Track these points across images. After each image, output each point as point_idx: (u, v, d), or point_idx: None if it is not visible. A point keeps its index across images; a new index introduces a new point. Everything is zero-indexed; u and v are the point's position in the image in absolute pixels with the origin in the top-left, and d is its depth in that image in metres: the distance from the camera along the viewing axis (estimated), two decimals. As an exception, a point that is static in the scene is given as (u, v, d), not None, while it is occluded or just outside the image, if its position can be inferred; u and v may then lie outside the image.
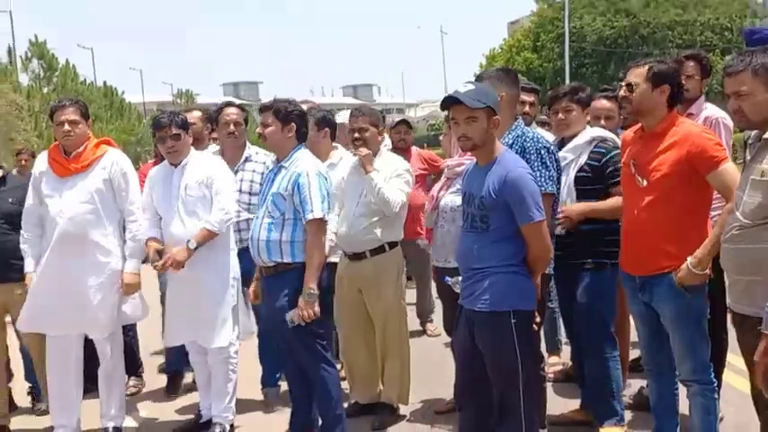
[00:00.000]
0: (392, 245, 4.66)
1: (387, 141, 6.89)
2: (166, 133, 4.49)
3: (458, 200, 4.31)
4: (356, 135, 4.65)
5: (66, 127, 4.41)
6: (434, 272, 4.76)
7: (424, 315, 6.88)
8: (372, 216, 4.53)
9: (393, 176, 4.58)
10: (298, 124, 4.24)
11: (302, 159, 4.19)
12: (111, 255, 4.50)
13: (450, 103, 3.46)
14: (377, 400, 4.85)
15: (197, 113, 5.38)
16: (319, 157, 4.45)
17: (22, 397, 5.43)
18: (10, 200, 4.76)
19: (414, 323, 6.60)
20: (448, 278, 3.92)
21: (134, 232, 4.56)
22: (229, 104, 5.36)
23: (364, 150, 4.56)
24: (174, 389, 5.58)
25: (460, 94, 3.39)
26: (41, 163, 4.55)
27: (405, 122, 6.80)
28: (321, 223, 4.10)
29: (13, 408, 5.23)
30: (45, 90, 29.85)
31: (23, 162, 9.45)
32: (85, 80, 33.45)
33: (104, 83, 36.86)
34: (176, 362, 5.50)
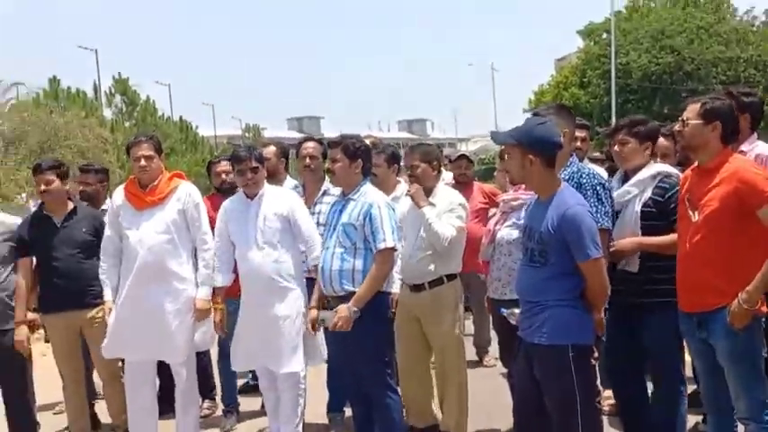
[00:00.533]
0: (450, 277, 4.59)
1: (448, 176, 6.84)
2: (246, 166, 4.50)
3: (514, 233, 4.27)
4: (409, 172, 4.65)
5: (143, 162, 4.48)
6: (489, 303, 4.66)
7: (482, 346, 6.73)
8: (428, 249, 4.49)
9: (446, 211, 4.53)
10: (364, 160, 4.24)
11: (370, 192, 4.21)
12: (187, 282, 4.55)
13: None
14: (430, 424, 4.75)
15: (272, 148, 5.41)
16: (386, 191, 4.46)
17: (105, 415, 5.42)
18: (84, 230, 4.82)
19: (470, 353, 6.47)
20: (504, 310, 3.84)
21: (206, 260, 4.59)
22: (308, 139, 5.39)
23: (414, 186, 4.55)
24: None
25: (499, 132, 3.51)
26: (118, 197, 4.61)
27: (464, 157, 6.73)
28: (392, 253, 4.09)
29: (96, 425, 5.26)
30: (127, 124, 30.62)
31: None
32: (163, 114, 34.15)
33: (180, 117, 37.57)
34: (229, 397, 5.47)
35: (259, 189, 4.55)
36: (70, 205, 4.85)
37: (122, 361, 4.81)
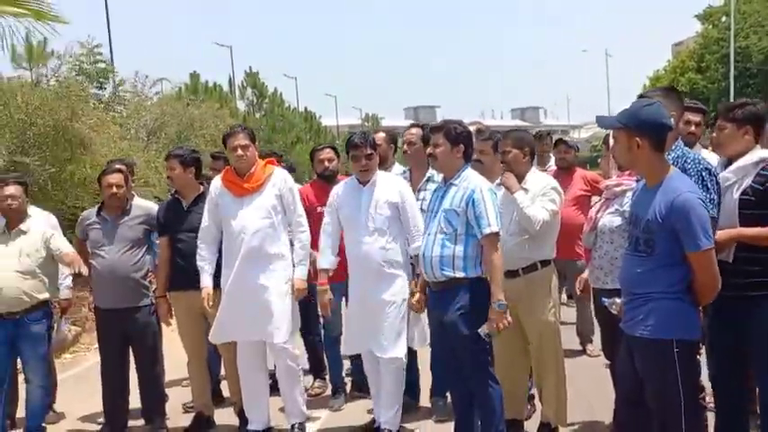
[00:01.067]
0: (544, 263, 4.30)
1: (551, 162, 6.47)
2: (361, 153, 4.41)
3: (616, 220, 3.96)
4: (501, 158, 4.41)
5: (240, 151, 4.46)
6: (592, 293, 4.33)
7: (585, 335, 6.28)
8: (521, 234, 4.21)
9: (539, 195, 4.24)
10: (465, 145, 4.03)
11: (472, 177, 3.99)
12: (287, 263, 4.52)
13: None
14: (523, 416, 4.51)
15: (381, 135, 5.27)
16: (490, 178, 4.20)
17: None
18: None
19: (573, 342, 6.12)
20: (605, 299, 3.53)
21: (303, 241, 4.56)
22: (413, 126, 5.22)
23: (506, 173, 4.29)
24: None
25: (605, 116, 3.22)
26: (216, 187, 4.59)
27: (563, 142, 6.33)
28: (497, 237, 3.88)
29: (219, 400, 5.27)
30: (257, 115, 31.52)
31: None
32: (289, 105, 34.93)
33: (305, 108, 38.38)
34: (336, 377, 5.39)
35: (372, 175, 4.43)
36: (198, 190, 4.86)
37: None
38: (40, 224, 4.87)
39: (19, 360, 4.82)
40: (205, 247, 4.56)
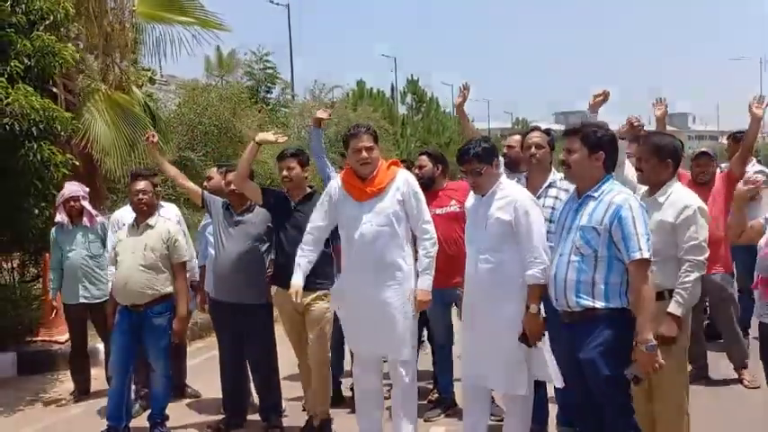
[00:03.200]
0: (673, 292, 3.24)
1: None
2: (467, 169, 3.48)
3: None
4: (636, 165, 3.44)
5: (364, 154, 3.68)
6: (759, 328, 3.19)
7: (736, 361, 4.93)
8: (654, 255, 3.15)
9: (682, 218, 3.27)
10: (607, 151, 3.02)
11: (617, 190, 2.98)
12: (408, 273, 3.69)
13: None
14: None
15: (516, 137, 4.38)
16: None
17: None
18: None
19: (721, 368, 4.86)
20: None
21: (428, 249, 3.69)
22: (534, 129, 4.24)
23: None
24: None
25: None
26: (335, 186, 3.84)
27: (705, 154, 4.99)
28: (647, 264, 2.87)
29: (339, 400, 4.63)
30: (415, 118, 31.17)
31: None
32: (444, 110, 34.28)
33: (460, 112, 37.36)
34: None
35: (488, 187, 3.46)
36: (307, 190, 4.25)
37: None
38: (169, 217, 4.46)
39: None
40: (309, 243, 3.83)
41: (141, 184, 4.32)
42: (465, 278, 3.57)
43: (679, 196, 3.30)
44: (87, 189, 5.18)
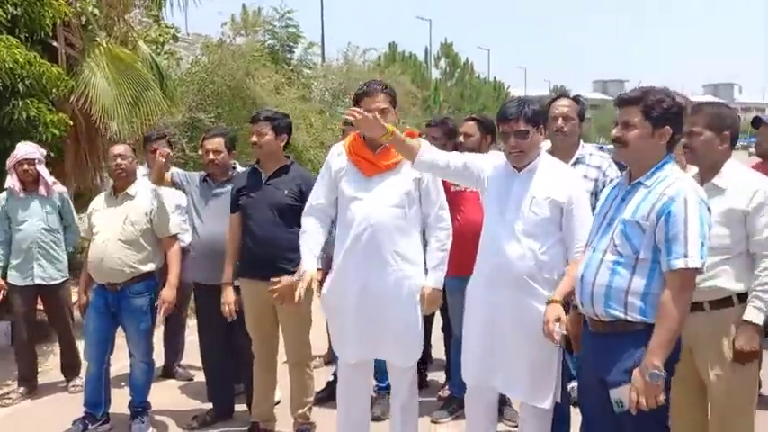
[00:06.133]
0: (743, 297, 2.64)
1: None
2: (511, 128, 2.83)
3: None
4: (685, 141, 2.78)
5: (378, 116, 2.94)
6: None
7: None
8: (720, 253, 2.63)
9: (754, 206, 2.66)
10: (673, 126, 2.39)
11: (675, 177, 2.36)
12: (417, 267, 3.10)
13: None
14: None
15: (471, 123, 3.87)
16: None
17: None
18: (286, 192, 3.54)
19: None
20: None
21: (442, 240, 3.10)
22: (562, 96, 3.60)
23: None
24: None
25: None
26: (336, 154, 3.22)
27: (762, 122, 4.10)
28: (694, 275, 2.29)
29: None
30: (449, 84, 30.31)
31: None
32: (479, 75, 33.31)
33: (494, 79, 36.47)
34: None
35: (528, 160, 2.86)
36: (282, 162, 3.62)
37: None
38: (147, 189, 3.94)
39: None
40: (314, 222, 3.20)
41: (120, 149, 3.85)
42: (482, 266, 2.97)
43: (744, 177, 2.69)
44: (44, 152, 4.55)
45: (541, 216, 2.78)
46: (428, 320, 4.25)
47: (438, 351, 4.64)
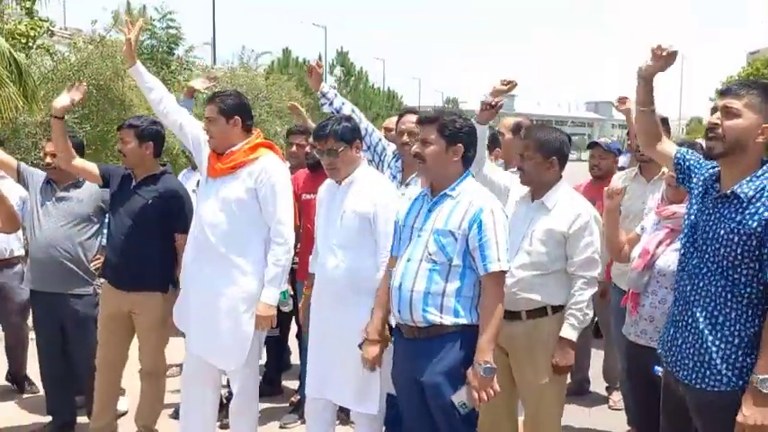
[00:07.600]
0: (557, 309, 2.88)
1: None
2: (322, 147, 2.96)
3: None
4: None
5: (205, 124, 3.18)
6: (628, 346, 2.90)
7: (611, 379, 4.36)
8: (535, 268, 2.87)
9: (575, 230, 2.92)
10: (466, 145, 2.60)
11: (476, 190, 2.59)
12: (250, 277, 3.09)
13: None
14: None
15: (394, 119, 3.94)
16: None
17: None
18: (150, 200, 3.45)
19: (597, 384, 4.48)
20: (658, 368, 2.39)
21: (278, 256, 3.07)
22: (410, 111, 3.75)
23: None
24: None
25: None
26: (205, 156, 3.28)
27: (596, 145, 4.45)
28: (503, 277, 2.53)
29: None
30: (344, 92, 30.53)
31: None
32: (373, 85, 33.83)
33: (388, 88, 37.19)
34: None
35: (342, 173, 2.97)
36: (153, 170, 3.52)
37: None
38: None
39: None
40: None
41: None
42: (311, 279, 3.09)
43: (570, 202, 2.91)
44: None
45: (351, 228, 2.89)
46: (284, 327, 4.30)
47: (293, 358, 4.68)
